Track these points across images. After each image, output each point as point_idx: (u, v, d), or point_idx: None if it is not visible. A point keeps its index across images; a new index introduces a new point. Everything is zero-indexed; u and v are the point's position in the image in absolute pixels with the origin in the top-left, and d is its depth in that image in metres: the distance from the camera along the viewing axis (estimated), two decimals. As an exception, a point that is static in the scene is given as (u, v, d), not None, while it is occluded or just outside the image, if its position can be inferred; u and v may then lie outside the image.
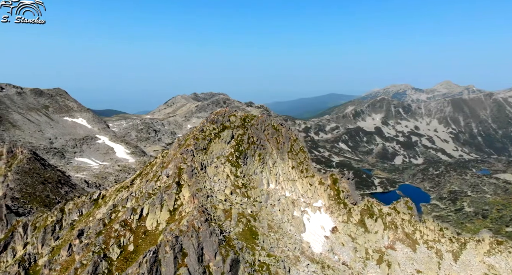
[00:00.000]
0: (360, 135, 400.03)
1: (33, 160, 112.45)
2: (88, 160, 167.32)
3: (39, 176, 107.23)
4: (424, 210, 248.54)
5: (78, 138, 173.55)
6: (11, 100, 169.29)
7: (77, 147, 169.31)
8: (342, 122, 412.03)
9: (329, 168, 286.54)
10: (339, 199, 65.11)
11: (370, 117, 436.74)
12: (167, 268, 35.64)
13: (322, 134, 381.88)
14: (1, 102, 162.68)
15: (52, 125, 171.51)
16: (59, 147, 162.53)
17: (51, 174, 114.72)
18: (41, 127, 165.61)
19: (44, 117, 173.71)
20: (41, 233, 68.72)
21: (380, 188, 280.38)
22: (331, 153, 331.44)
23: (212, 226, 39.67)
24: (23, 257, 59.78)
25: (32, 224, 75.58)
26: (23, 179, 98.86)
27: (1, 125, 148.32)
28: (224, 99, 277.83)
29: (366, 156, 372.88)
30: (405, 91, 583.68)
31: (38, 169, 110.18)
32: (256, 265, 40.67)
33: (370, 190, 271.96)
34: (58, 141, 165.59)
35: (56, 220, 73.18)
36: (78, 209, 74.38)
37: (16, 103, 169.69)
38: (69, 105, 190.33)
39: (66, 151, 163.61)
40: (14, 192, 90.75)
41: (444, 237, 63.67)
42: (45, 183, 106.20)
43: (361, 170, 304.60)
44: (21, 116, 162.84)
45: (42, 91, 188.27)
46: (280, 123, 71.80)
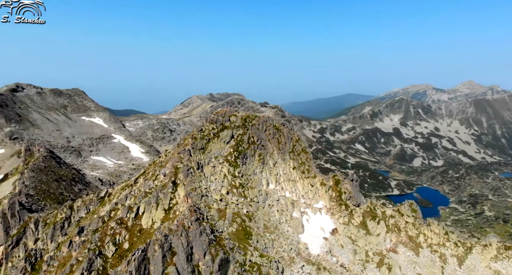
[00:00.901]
0: (378, 136, 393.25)
1: (49, 158, 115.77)
2: (103, 158, 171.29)
3: (54, 173, 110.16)
4: (442, 214, 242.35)
5: (94, 137, 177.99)
6: (31, 100, 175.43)
7: (94, 146, 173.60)
8: (359, 123, 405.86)
9: (344, 169, 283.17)
10: (341, 200, 64.27)
11: (388, 118, 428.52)
12: (155, 266, 36.17)
13: (338, 135, 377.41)
14: (22, 102, 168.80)
15: (70, 125, 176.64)
16: (76, 146, 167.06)
17: (65, 172, 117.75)
18: (59, 126, 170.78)
19: (63, 116, 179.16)
20: (50, 230, 70.82)
21: (397, 190, 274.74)
22: (347, 154, 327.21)
23: (203, 225, 39.94)
24: (30, 252, 61.94)
25: (43, 220, 77.85)
26: (38, 176, 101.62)
27: (21, 124, 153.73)
28: (238, 100, 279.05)
29: (384, 158, 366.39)
30: (426, 91, 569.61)
31: (53, 166, 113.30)
32: (247, 265, 40.68)
33: (386, 192, 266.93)
34: (75, 140, 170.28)
35: (65, 217, 75.14)
36: (86, 206, 76.22)
37: (36, 103, 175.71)
38: (87, 105, 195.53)
39: (83, 149, 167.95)
40: (29, 189, 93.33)
41: (449, 241, 61.88)
42: (59, 181, 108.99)
43: (377, 171, 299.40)
44: (41, 116, 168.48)
45: (61, 92, 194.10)
46: (282, 124, 71.54)
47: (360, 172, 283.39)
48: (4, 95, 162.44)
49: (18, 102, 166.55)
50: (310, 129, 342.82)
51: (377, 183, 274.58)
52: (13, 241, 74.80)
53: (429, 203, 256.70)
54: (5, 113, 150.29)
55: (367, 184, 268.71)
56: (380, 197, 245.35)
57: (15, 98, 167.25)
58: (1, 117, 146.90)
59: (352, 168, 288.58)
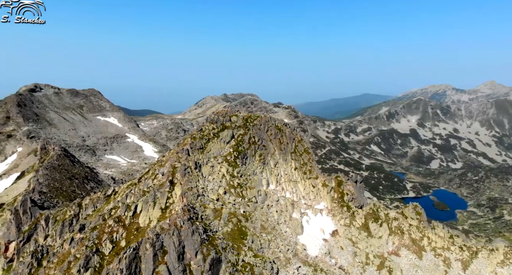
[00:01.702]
0: (394, 137, 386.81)
1: (63, 156, 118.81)
2: (117, 157, 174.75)
3: (67, 171, 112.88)
4: (460, 217, 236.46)
5: (109, 136, 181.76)
6: (49, 100, 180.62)
7: (108, 145, 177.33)
8: (374, 124, 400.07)
9: (358, 170, 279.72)
10: (343, 202, 63.54)
11: (405, 119, 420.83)
12: (146, 265, 36.71)
13: (353, 136, 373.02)
14: (40, 102, 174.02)
15: (85, 124, 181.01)
16: (91, 145, 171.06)
17: (78, 170, 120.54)
18: (75, 125, 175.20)
19: (79, 116, 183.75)
20: (59, 226, 72.64)
21: (413, 193, 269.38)
22: (362, 155, 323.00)
23: (195, 224, 40.25)
24: (36, 248, 63.78)
25: (53, 217, 79.89)
26: (51, 174, 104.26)
27: (39, 123, 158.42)
28: (251, 100, 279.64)
29: (400, 159, 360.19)
30: (445, 91, 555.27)
31: (66, 165, 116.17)
32: (239, 265, 40.73)
33: (401, 195, 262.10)
34: (91, 139, 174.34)
35: (73, 214, 76.88)
36: (93, 204, 77.82)
37: (53, 103, 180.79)
38: (102, 105, 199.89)
39: (97, 148, 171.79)
40: (42, 186, 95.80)
41: (454, 244, 60.33)
42: (72, 179, 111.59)
43: (392, 173, 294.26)
44: (57, 115, 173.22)
45: (78, 92, 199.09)
46: (284, 124, 71.23)
47: (375, 174, 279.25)
48: (23, 95, 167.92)
49: (36, 102, 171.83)
50: (324, 130, 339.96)
51: (392, 185, 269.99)
52: (25, 237, 76.92)
53: (446, 206, 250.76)
54: (23, 113, 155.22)
55: (382, 186, 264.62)
56: (395, 199, 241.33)
57: (33, 98, 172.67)
58: (20, 117, 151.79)
59: (366, 170, 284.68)
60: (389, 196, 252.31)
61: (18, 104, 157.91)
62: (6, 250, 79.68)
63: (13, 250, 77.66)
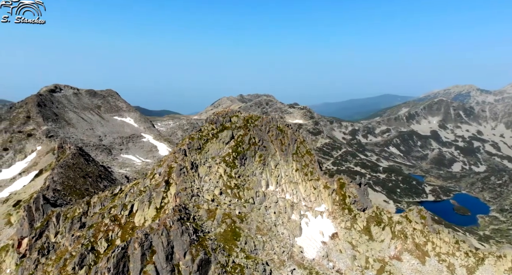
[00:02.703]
0: (414, 139, 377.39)
1: (78, 155, 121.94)
2: (132, 156, 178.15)
3: (81, 170, 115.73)
4: (481, 222, 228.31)
5: (125, 136, 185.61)
6: (68, 100, 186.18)
7: (124, 144, 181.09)
8: (394, 125, 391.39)
9: (375, 172, 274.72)
10: (344, 204, 62.40)
11: (425, 120, 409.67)
12: (134, 264, 37.08)
13: (371, 137, 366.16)
14: (59, 102, 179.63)
15: (102, 124, 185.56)
16: (107, 144, 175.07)
17: (93, 169, 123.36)
18: (92, 125, 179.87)
19: (96, 116, 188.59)
20: (68, 223, 74.62)
21: (432, 196, 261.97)
22: (380, 157, 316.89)
23: (186, 225, 40.41)
24: (43, 245, 65.73)
25: (64, 214, 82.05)
26: (66, 172, 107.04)
27: (58, 123, 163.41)
28: (266, 101, 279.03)
29: (420, 162, 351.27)
30: (469, 92, 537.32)
31: (81, 163, 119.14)
32: (229, 266, 40.62)
33: (420, 198, 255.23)
34: (107, 138, 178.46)
35: (82, 211, 78.79)
36: (101, 202, 79.56)
37: (72, 103, 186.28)
38: (119, 106, 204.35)
39: (113, 147, 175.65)
40: (56, 184, 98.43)
41: (459, 250, 58.16)
42: (85, 177, 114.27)
43: (411, 176, 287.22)
44: (76, 115, 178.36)
45: (96, 92, 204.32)
46: (286, 125, 70.63)
47: (392, 176, 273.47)
48: (43, 95, 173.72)
49: (55, 102, 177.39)
50: (340, 131, 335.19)
51: (410, 188, 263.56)
52: (37, 233, 79.24)
53: (467, 210, 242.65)
54: (43, 113, 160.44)
55: (399, 189, 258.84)
56: (412, 202, 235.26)
57: (53, 98, 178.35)
58: (39, 116, 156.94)
59: (383, 172, 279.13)
60: (407, 200, 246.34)
61: (38, 104, 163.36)
62: (19, 246, 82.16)
63: (25, 246, 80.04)
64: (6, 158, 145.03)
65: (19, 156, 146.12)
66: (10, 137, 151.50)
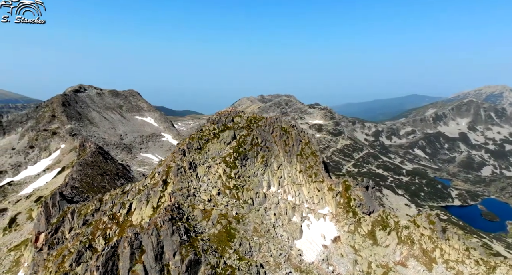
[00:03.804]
0: (441, 141, 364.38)
1: (97, 153, 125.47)
2: (151, 155, 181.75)
3: (99, 168, 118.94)
4: (510, 229, 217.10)
5: (145, 135, 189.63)
6: (92, 100, 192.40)
7: (143, 143, 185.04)
8: (419, 127, 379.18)
9: (398, 175, 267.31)
10: (349, 207, 60.69)
11: (454, 122, 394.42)
12: (123, 263, 37.46)
13: (395, 139, 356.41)
14: (83, 101, 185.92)
15: (124, 123, 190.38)
16: (128, 143, 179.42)
17: (110, 167, 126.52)
18: (114, 124, 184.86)
19: (118, 115, 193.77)
20: (81, 220, 76.91)
21: (458, 201, 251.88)
22: (404, 160, 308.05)
23: (177, 225, 40.49)
24: (53, 240, 67.94)
25: (78, 211, 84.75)
26: (84, 170, 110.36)
27: (81, 122, 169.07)
28: (286, 101, 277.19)
29: (447, 165, 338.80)
30: (502, 93, 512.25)
31: (99, 161, 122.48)
32: (220, 267, 40.34)
33: (445, 202, 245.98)
34: (128, 137, 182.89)
35: (95, 208, 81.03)
36: (112, 199, 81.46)
37: (95, 103, 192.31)
38: (140, 105, 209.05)
39: (133, 146, 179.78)
40: (75, 181, 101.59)
41: (469, 258, 55.20)
42: (103, 175, 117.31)
43: (436, 179, 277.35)
44: (98, 115, 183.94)
45: (118, 93, 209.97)
46: (291, 125, 69.49)
47: (416, 179, 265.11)
48: (68, 95, 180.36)
49: (79, 101, 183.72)
50: (362, 132, 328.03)
51: (435, 191, 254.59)
52: (53, 229, 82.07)
53: (495, 216, 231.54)
54: (67, 112, 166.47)
55: (423, 193, 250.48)
56: (435, 207, 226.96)
57: (77, 98, 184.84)
58: (64, 116, 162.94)
59: (407, 175, 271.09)
60: (431, 204, 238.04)
61: (63, 104, 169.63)
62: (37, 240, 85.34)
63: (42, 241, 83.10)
64: (32, 155, 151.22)
65: (44, 154, 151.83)
66: (36, 135, 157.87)
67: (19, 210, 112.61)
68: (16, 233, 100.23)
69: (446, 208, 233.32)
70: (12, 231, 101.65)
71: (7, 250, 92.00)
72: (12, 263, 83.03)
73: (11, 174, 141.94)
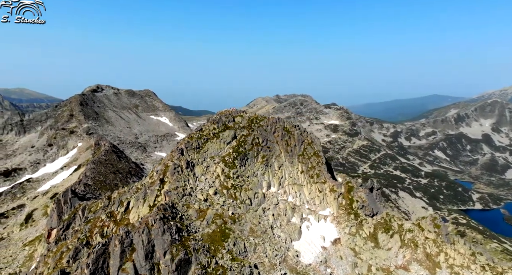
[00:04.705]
0: (463, 143, 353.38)
1: (111, 152, 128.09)
2: (165, 154, 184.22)
3: (112, 166, 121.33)
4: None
5: (159, 134, 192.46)
6: (109, 100, 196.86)
7: (158, 143, 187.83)
8: (440, 127, 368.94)
9: (416, 177, 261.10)
10: (351, 209, 59.49)
11: (477, 123, 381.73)
12: (114, 261, 37.91)
13: (414, 140, 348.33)
14: (100, 101, 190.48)
15: (139, 123, 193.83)
16: (143, 142, 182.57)
17: (123, 165, 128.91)
18: (130, 124, 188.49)
19: (134, 115, 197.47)
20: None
21: (479, 205, 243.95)
22: (423, 161, 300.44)
23: (168, 224, 40.71)
24: (60, 236, 69.80)
25: (89, 208, 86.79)
26: (98, 168, 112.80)
27: (98, 121, 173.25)
28: (301, 101, 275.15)
29: (469, 167, 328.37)
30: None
31: (113, 160, 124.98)
32: (211, 267, 40.27)
33: (465, 206, 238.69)
34: (143, 137, 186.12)
35: (103, 206, 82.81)
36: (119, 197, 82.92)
37: (112, 103, 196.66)
38: (156, 105, 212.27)
39: (148, 145, 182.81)
40: (88, 179, 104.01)
41: (475, 263, 53.07)
42: (116, 173, 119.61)
43: (456, 182, 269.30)
44: (115, 114, 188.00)
45: (134, 92, 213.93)
46: (293, 126, 68.73)
47: (435, 182, 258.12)
48: (86, 95, 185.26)
49: (97, 101, 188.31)
50: (380, 132, 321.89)
51: (456, 194, 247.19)
52: (64, 225, 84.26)
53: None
54: (84, 111, 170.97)
55: (443, 195, 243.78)
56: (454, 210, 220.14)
57: (94, 98, 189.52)
58: (81, 115, 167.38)
59: (426, 177, 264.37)
60: (450, 207, 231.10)
61: (81, 103, 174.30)
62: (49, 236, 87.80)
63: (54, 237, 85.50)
64: (50, 152, 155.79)
65: (62, 152, 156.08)
66: (55, 134, 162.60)
67: (36, 206, 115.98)
68: (32, 228, 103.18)
69: (466, 211, 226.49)
70: (28, 227, 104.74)
71: (22, 245, 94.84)
72: (26, 258, 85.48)
73: (30, 171, 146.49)
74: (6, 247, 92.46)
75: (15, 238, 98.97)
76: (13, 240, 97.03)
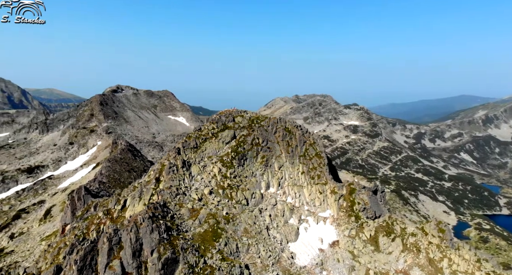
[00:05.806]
0: (491, 145, 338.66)
1: (126, 150, 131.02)
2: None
3: (127, 164, 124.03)
4: None
5: (176, 133, 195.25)
6: (128, 100, 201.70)
7: (174, 142, 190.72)
8: (467, 129, 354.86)
9: (439, 180, 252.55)
10: (352, 211, 58.00)
11: (506, 125, 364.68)
12: (102, 258, 38.54)
13: (439, 142, 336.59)
14: (120, 101, 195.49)
15: (157, 122, 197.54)
16: (160, 141, 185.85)
17: (138, 164, 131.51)
18: (148, 123, 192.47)
19: (152, 115, 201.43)
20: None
21: (507, 210, 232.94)
22: (448, 164, 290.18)
23: (157, 223, 41.02)
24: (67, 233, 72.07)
25: (100, 205, 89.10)
26: (113, 166, 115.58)
27: (117, 120, 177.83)
28: (320, 101, 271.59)
29: (497, 170, 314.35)
30: None
31: (128, 158, 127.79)
32: (199, 267, 40.25)
33: (492, 211, 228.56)
34: (160, 136, 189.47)
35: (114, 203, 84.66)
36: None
37: (131, 103, 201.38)
38: (173, 105, 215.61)
39: (165, 144, 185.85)
40: (103, 177, 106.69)
41: (480, 270, 50.48)
42: (130, 171, 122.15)
43: (482, 186, 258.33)
44: (134, 114, 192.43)
45: (153, 93, 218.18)
46: (295, 126, 67.73)
47: (460, 185, 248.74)
48: (106, 95, 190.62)
49: (116, 101, 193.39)
50: (402, 134, 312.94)
51: (481, 199, 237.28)
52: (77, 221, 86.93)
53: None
54: (104, 111, 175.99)
55: (467, 200, 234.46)
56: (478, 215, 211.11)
57: (114, 98, 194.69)
58: (101, 114, 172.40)
59: (449, 180, 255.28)
60: (475, 212, 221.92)
61: (101, 103, 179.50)
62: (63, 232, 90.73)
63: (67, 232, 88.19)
64: (71, 151, 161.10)
65: (82, 150, 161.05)
66: (76, 132, 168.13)
67: (55, 202, 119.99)
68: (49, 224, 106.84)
69: (492, 217, 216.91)
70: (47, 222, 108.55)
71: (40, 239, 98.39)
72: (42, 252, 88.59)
73: (52, 168, 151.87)
74: (25, 241, 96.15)
75: (34, 233, 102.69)
76: (32, 235, 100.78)
